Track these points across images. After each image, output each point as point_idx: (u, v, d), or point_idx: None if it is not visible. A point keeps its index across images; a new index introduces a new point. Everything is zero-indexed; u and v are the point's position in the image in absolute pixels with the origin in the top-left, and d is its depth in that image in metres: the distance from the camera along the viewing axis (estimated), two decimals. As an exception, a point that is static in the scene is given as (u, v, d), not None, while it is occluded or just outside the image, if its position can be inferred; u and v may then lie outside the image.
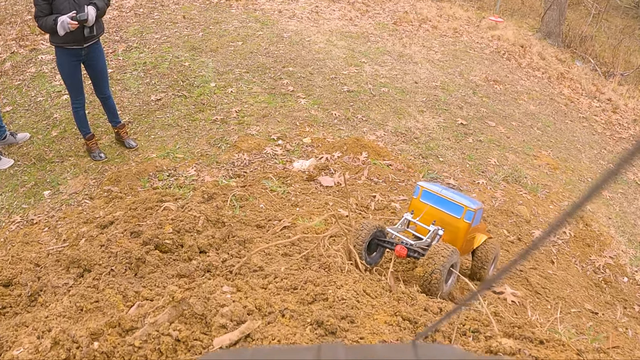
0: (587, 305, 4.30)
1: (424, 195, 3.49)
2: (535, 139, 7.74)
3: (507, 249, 4.95)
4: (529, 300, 3.75)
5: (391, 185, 5.53)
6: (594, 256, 5.80)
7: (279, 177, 5.68)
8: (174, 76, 8.05)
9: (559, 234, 5.80)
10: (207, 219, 3.21)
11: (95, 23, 5.10)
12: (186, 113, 7.10)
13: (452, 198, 3.37)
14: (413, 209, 3.51)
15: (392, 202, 5.13)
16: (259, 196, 5.08)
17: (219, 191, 5.19)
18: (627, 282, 5.74)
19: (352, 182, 5.64)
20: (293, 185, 5.52)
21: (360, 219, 4.60)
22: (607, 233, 6.36)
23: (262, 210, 4.68)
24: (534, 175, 6.72)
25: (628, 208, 7.21)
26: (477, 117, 7.77)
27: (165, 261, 2.69)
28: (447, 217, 3.35)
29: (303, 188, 5.42)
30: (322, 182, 5.69)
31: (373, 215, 4.84)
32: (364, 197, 5.20)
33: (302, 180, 5.66)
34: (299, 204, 4.92)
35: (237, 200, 4.94)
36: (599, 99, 10.27)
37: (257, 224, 4.17)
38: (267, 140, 6.59)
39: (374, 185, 5.52)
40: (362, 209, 4.97)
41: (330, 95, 7.82)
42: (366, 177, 5.70)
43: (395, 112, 7.49)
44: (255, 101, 7.50)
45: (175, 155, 6.19)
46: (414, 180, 5.71)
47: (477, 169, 6.40)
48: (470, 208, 3.30)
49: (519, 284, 4.04)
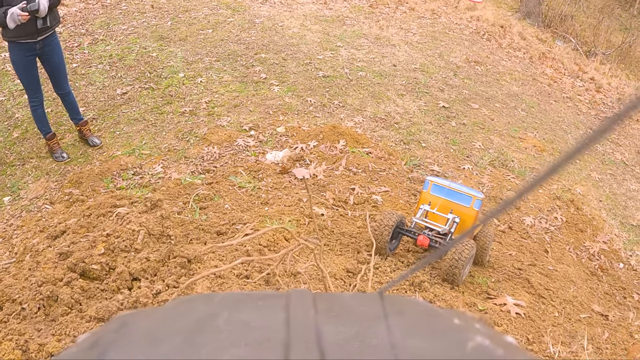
0: (595, 306, 3.84)
1: (434, 188, 3.70)
2: (520, 121, 7.28)
3: (500, 239, 4.49)
4: (534, 307, 3.27)
5: (371, 175, 5.03)
6: (587, 242, 5.37)
7: (249, 171, 5.17)
8: (140, 68, 7.53)
9: (551, 220, 5.35)
10: (148, 233, 2.66)
11: (49, 13, 4.63)
12: (153, 106, 6.60)
13: (460, 189, 3.65)
14: (425, 202, 3.72)
15: (372, 194, 4.63)
16: (225, 194, 4.56)
17: (182, 191, 4.65)
18: (623, 269, 5.35)
19: (330, 173, 5.13)
20: (265, 179, 5.00)
21: (338, 218, 4.11)
22: (599, 217, 5.95)
23: (227, 212, 4.15)
24: (521, 158, 6.27)
25: (618, 190, 6.81)
26: (459, 99, 7.28)
27: (90, 294, 2.15)
28: (458, 206, 3.60)
29: (275, 182, 4.90)
30: (296, 174, 5.17)
31: (351, 210, 4.34)
32: (342, 190, 4.69)
33: (275, 174, 5.15)
34: (270, 201, 4.41)
35: (200, 200, 4.41)
36: (582, 79, 9.85)
37: (218, 230, 3.65)
38: (238, 131, 6.10)
39: (353, 176, 5.01)
40: (339, 203, 4.46)
41: (305, 82, 7.30)
42: (344, 167, 5.19)
43: (373, 97, 6.97)
44: (226, 90, 7.02)
45: (141, 151, 5.72)
46: (395, 169, 5.21)
47: (461, 154, 5.92)
48: (478, 197, 3.58)
49: (519, 287, 3.57)
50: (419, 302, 0.57)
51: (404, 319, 0.53)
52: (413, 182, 5.05)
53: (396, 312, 0.53)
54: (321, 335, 0.48)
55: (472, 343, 0.48)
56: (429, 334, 0.50)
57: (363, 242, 3.86)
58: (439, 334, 0.51)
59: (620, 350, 3.03)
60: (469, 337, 0.49)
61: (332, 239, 3.91)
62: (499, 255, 4.14)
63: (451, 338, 0.50)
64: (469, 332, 0.51)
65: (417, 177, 5.17)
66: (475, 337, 0.49)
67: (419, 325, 0.53)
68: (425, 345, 0.48)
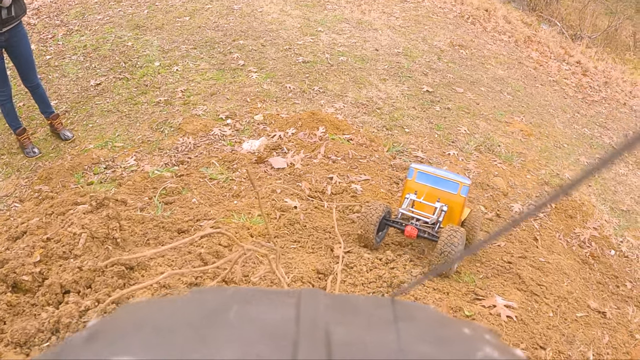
0: (591, 302, 3.56)
1: (419, 176, 3.55)
2: (506, 105, 6.98)
3: (487, 228, 4.20)
4: (526, 307, 2.96)
5: (351, 163, 4.71)
6: (578, 229, 5.11)
7: (224, 162, 4.86)
8: (115, 58, 7.23)
9: (542, 210, 5.06)
10: (91, 237, 2.31)
11: (13, 3, 4.33)
12: (127, 97, 6.30)
13: (446, 176, 3.49)
14: (411, 190, 3.56)
15: (352, 183, 4.32)
16: (195, 187, 4.23)
17: (149, 185, 4.32)
18: (614, 256, 5.10)
19: (308, 161, 4.81)
20: (239, 170, 4.68)
21: (312, 210, 3.79)
22: (588, 202, 5.69)
23: (193, 207, 3.81)
24: (508, 143, 5.98)
25: (606, 174, 6.56)
26: (443, 83, 6.97)
27: (19, 309, 1.81)
28: (445, 194, 3.46)
29: (251, 173, 4.57)
30: (273, 163, 4.85)
31: (329, 201, 4.02)
32: (320, 179, 4.37)
33: (251, 163, 4.83)
34: (241, 193, 4.09)
35: (167, 194, 4.07)
36: (568, 62, 9.57)
37: (180, 228, 3.31)
38: (214, 120, 5.81)
39: (332, 164, 4.69)
40: (316, 194, 4.15)
41: (284, 68, 6.97)
42: (323, 155, 4.87)
43: (355, 82, 6.65)
44: (202, 78, 6.72)
45: (114, 144, 5.42)
46: (377, 156, 4.90)
47: (446, 139, 5.62)
48: (465, 184, 3.44)
49: (510, 283, 3.26)
50: (430, 309, 0.57)
51: (414, 324, 0.52)
52: (395, 170, 4.74)
53: (406, 317, 0.53)
54: (330, 334, 0.48)
55: (480, 353, 0.47)
56: (438, 341, 0.50)
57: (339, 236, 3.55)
58: (448, 342, 0.50)
59: (622, 354, 2.74)
60: (477, 347, 0.48)
61: (304, 235, 3.58)
62: (487, 248, 3.85)
63: (460, 347, 0.49)
64: (478, 342, 0.50)
65: (400, 164, 4.86)
66: (484, 347, 0.48)
67: (429, 332, 0.52)
68: (433, 352, 0.47)
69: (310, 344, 0.45)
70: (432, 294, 2.75)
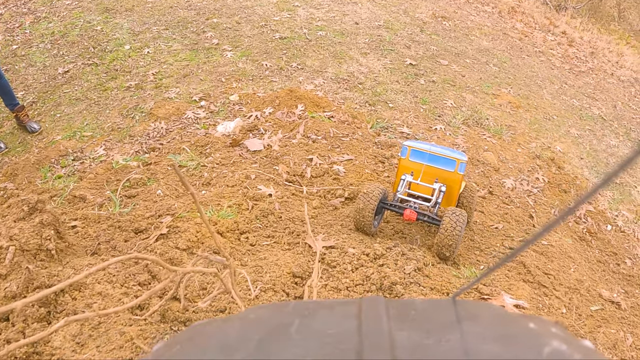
0: (602, 290, 3.22)
1: (413, 154, 3.32)
2: (493, 76, 6.60)
3: (482, 208, 3.85)
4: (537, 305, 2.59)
5: (332, 142, 4.31)
6: (572, 203, 4.75)
7: (196, 147, 4.45)
8: (84, 43, 6.78)
9: (532, 181, 4.72)
10: (21, 250, 1.89)
11: None
12: (97, 83, 5.90)
13: (442, 153, 3.27)
14: (406, 170, 3.33)
15: (333, 164, 3.93)
16: (162, 177, 3.81)
17: (112, 177, 3.89)
18: (611, 231, 4.79)
19: (286, 142, 4.40)
20: (212, 154, 4.28)
21: (289, 198, 3.38)
22: (581, 175, 5.37)
23: (157, 200, 3.39)
24: (496, 115, 5.61)
25: (598, 146, 6.24)
26: (427, 56, 6.56)
27: None
28: (442, 172, 3.26)
29: (224, 157, 4.18)
30: (248, 146, 4.44)
31: (308, 185, 3.63)
32: (298, 161, 3.97)
33: (225, 147, 4.43)
34: (212, 181, 3.68)
35: (131, 186, 3.64)
36: (553, 33, 9.20)
37: (137, 227, 2.89)
38: (188, 102, 5.44)
39: (312, 144, 4.29)
40: (294, 178, 3.75)
41: (260, 45, 6.52)
42: (302, 134, 4.46)
43: (334, 57, 6.22)
44: (175, 60, 6.31)
45: (82, 134, 5.04)
46: (360, 134, 4.50)
47: (432, 113, 5.23)
48: (462, 160, 3.23)
49: (515, 274, 2.90)
50: (493, 307, 0.55)
51: (477, 324, 0.51)
52: (380, 147, 4.35)
53: (469, 317, 0.51)
54: (394, 342, 0.47)
55: (548, 348, 0.46)
56: (503, 339, 0.48)
57: (319, 227, 3.13)
58: (514, 339, 0.48)
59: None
60: (545, 342, 0.47)
61: (279, 228, 3.17)
62: (484, 231, 3.49)
63: (526, 343, 0.47)
64: (545, 336, 0.48)
65: (385, 141, 4.47)
66: (551, 341, 0.47)
67: (493, 330, 0.50)
68: (499, 350, 0.46)
69: (374, 353, 0.44)
70: (430, 294, 2.36)
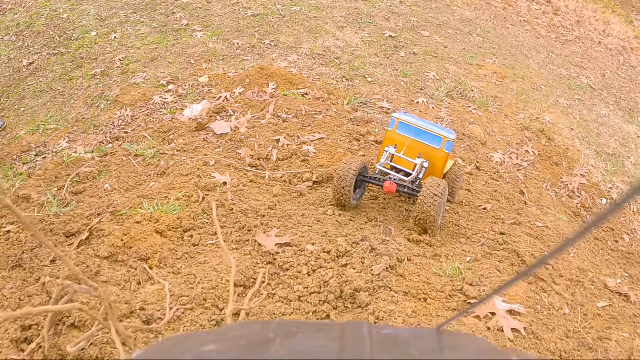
0: (607, 280, 2.83)
1: (401, 126, 3.16)
2: (477, 47, 6.18)
3: (469, 185, 3.45)
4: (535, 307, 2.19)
5: (304, 120, 3.90)
6: (565, 177, 4.42)
7: (159, 133, 4.04)
8: (50, 33, 6.35)
9: (522, 154, 4.34)
10: None
11: None
12: (62, 73, 5.53)
13: (429, 129, 3.11)
14: (391, 142, 3.17)
15: (303, 144, 3.51)
16: (116, 169, 3.38)
17: (62, 172, 3.46)
18: (605, 205, 4.44)
19: (254, 123, 3.97)
20: (175, 141, 3.87)
21: (246, 185, 2.96)
22: (573, 147, 5.00)
23: (103, 195, 2.96)
24: (481, 87, 5.20)
25: (589, 116, 5.86)
26: (407, 27, 6.12)
27: None
28: (427, 148, 3.11)
29: (187, 143, 3.77)
30: (214, 129, 4.02)
31: (274, 169, 3.21)
32: (264, 143, 3.54)
33: (190, 132, 4.01)
34: (168, 170, 3.25)
35: (80, 181, 3.21)
36: (538, 2, 8.77)
37: (69, 230, 2.46)
38: (155, 87, 5.07)
39: (282, 123, 3.88)
40: (259, 162, 3.32)
41: (231, 24, 6.08)
42: (272, 114, 4.04)
43: (310, 32, 5.76)
44: (143, 44, 5.86)
45: (46, 127, 4.69)
46: (335, 110, 4.09)
47: (414, 86, 4.81)
48: (449, 138, 3.07)
49: (507, 266, 2.49)
50: (478, 340, 0.54)
51: (460, 355, 0.50)
52: (356, 124, 3.94)
53: (452, 347, 0.51)
54: None
55: None
56: None
57: (275, 220, 2.68)
58: None
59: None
60: None
61: (228, 222, 2.70)
62: (472, 213, 3.10)
63: None
64: None
65: (362, 117, 4.06)
66: None
67: None
68: None
69: None
70: (403, 303, 1.94)
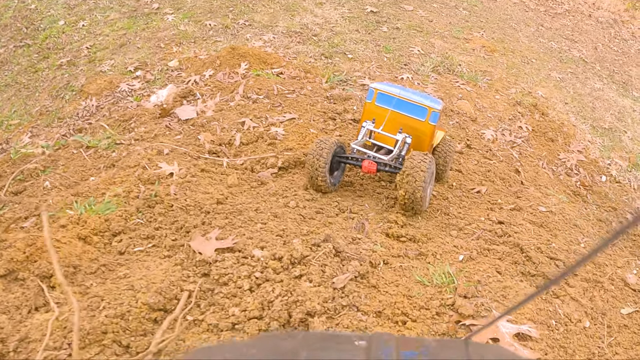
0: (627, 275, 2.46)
1: (380, 98, 2.83)
2: (463, 20, 5.78)
3: (459, 165, 3.08)
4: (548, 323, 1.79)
5: (274, 100, 3.51)
6: (562, 154, 4.05)
7: (119, 122, 3.65)
8: (17, 25, 5.97)
9: (515, 131, 3.96)
10: None
11: None
12: (27, 65, 5.25)
13: (412, 99, 2.77)
14: (369, 116, 2.86)
15: (271, 126, 3.11)
16: (65, 162, 2.99)
17: (8, 170, 3.07)
18: (606, 182, 4.09)
19: (222, 106, 3.57)
20: (137, 129, 3.47)
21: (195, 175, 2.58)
22: (568, 122, 4.64)
23: (40, 194, 2.56)
24: (470, 61, 4.82)
25: (582, 89, 5.49)
26: (389, 2, 5.72)
27: None
28: (410, 121, 2.78)
29: (147, 131, 3.40)
30: (179, 114, 3.62)
31: (237, 154, 2.82)
32: (228, 126, 3.14)
33: (153, 119, 3.62)
34: (119, 162, 2.84)
35: (24, 179, 2.82)
36: (524, -26, 8.32)
37: None
38: (122, 74, 4.61)
39: (251, 105, 3.48)
40: (220, 148, 2.92)
41: (204, 4, 5.69)
42: (242, 95, 3.63)
43: (286, 10, 5.34)
44: (111, 30, 5.50)
45: (9, 122, 4.43)
46: (309, 88, 3.69)
47: (398, 62, 4.43)
48: (435, 109, 2.74)
49: (509, 264, 2.10)
50: (504, 350, 0.54)
51: None
52: (332, 102, 3.55)
53: (480, 357, 0.50)
54: None
55: None
56: None
57: (222, 217, 2.26)
58: None
59: None
60: None
61: (165, 222, 2.26)
62: (464, 198, 2.72)
63: None
64: None
65: (339, 94, 3.67)
66: None
67: None
68: None
69: None
70: (373, 329, 1.51)
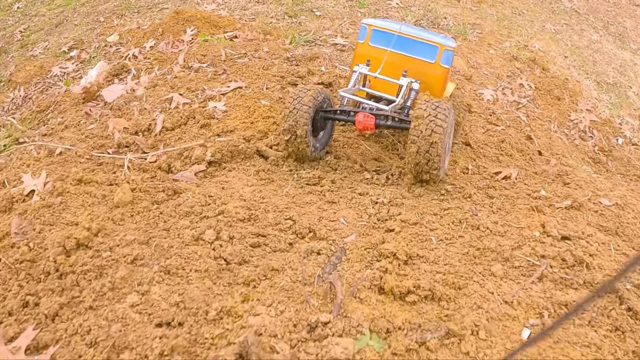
0: None
1: (375, 36, 2.11)
2: (445, -29, 4.99)
3: (464, 136, 2.36)
4: None
5: (219, 68, 2.72)
6: (572, 114, 3.36)
7: (35, 114, 2.93)
8: None
9: (516, 89, 3.25)
10: None
11: None
12: None
13: (418, 36, 2.05)
14: (362, 59, 2.10)
15: (209, 101, 2.34)
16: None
17: None
18: (622, 145, 3.43)
19: (159, 80, 2.81)
20: (52, 120, 2.78)
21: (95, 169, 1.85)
22: (571, 77, 3.95)
23: None
24: (456, 13, 4.08)
25: (580, 42, 4.80)
26: (361, -48, 4.89)
27: None
28: (416, 63, 2.04)
29: (62, 122, 2.95)
30: (105, 96, 2.86)
31: (151, 147, 2.06)
32: (151, 107, 2.38)
33: (74, 106, 2.88)
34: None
35: None
36: None
37: None
38: (55, 57, 4.00)
39: (193, 75, 2.70)
40: (131, 138, 2.17)
41: (151, -33, 4.81)
42: (182, 65, 2.85)
43: (242, -33, 4.51)
44: (48, 9, 4.87)
45: None
46: (265, 49, 2.91)
47: (374, 17, 3.65)
48: (448, 47, 2.04)
49: (606, 329, 1.36)
50: None
51: None
52: (294, 64, 2.81)
53: None
54: None
55: None
56: None
57: (64, 287, 1.49)
58: None
59: None
60: None
61: None
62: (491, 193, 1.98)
63: None
64: None
65: (302, 54, 2.92)
66: None
67: None
68: None
69: None
70: None
